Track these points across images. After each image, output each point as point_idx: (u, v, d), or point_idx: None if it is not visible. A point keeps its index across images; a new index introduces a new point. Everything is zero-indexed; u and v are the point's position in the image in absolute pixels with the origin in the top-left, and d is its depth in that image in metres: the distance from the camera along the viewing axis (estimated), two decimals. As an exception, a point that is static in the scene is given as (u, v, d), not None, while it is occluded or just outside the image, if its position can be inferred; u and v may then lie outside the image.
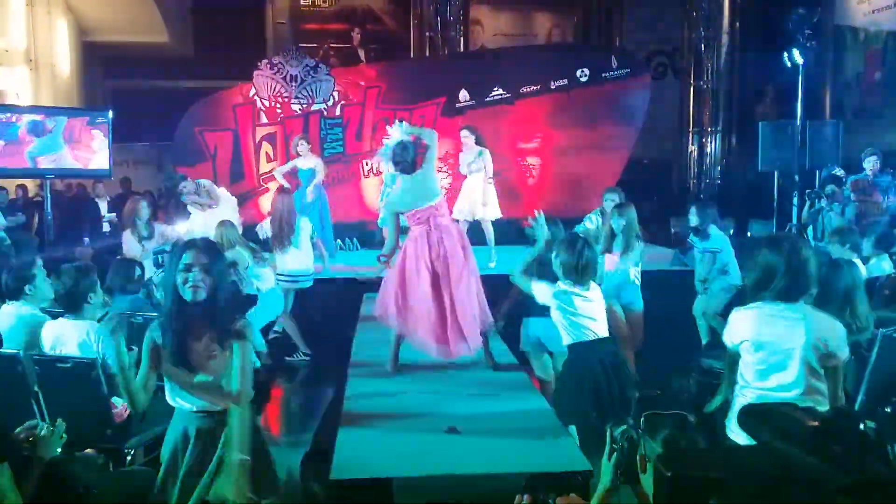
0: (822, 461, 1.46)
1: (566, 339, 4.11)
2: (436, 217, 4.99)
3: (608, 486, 2.19)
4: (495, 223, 8.89)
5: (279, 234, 6.89)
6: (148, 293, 5.46)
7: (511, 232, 9.65)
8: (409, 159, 4.99)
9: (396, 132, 5.26)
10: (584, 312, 4.07)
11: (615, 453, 2.17)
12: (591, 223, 6.76)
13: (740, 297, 3.67)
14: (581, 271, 4.05)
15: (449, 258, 4.92)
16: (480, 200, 8.69)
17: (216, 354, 2.86)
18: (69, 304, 3.94)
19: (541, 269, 4.28)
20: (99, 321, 4.04)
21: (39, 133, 8.68)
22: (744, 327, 3.12)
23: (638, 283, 6.00)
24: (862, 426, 1.60)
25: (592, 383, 3.95)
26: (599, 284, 4.39)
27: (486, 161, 8.68)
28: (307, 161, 9.13)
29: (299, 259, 6.97)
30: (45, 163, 8.80)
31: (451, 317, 4.89)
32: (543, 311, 4.32)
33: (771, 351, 3.04)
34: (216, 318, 2.86)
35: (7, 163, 8.83)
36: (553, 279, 4.17)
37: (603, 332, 4.14)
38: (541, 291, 4.15)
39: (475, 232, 9.10)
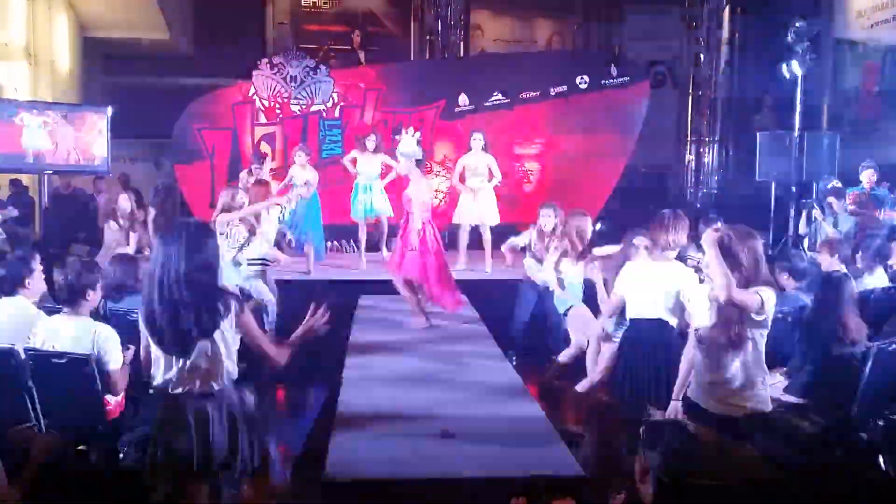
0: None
1: None
2: None
3: None
4: (493, 228, 9.00)
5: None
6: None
7: (508, 236, 9.66)
8: None
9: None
10: None
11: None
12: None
13: None
14: None
15: None
16: (486, 206, 8.93)
17: None
18: (67, 298, 3.91)
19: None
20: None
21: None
22: None
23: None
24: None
25: None
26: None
27: (494, 167, 8.91)
28: (305, 172, 9.09)
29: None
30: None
31: None
32: None
33: None
34: None
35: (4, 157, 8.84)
36: None
37: None
38: None
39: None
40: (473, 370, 5.56)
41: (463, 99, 11.09)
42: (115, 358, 3.87)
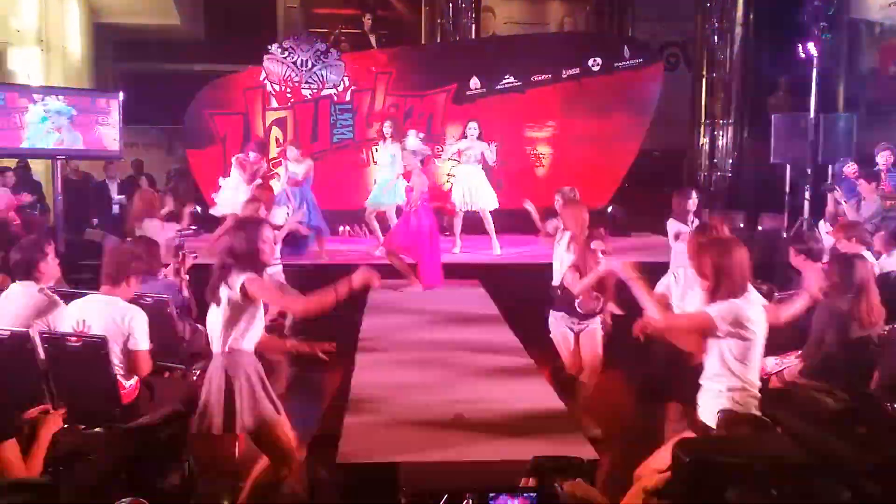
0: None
1: None
2: None
3: None
4: (501, 212, 9.01)
5: None
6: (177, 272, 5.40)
7: (518, 221, 9.64)
8: None
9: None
10: None
11: None
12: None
13: None
14: None
15: None
16: (479, 190, 9.04)
17: None
18: (113, 279, 3.94)
19: None
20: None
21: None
22: None
23: None
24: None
25: None
26: None
27: (487, 153, 9.10)
28: (299, 166, 9.04)
29: None
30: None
31: None
32: None
33: None
34: None
35: (13, 142, 8.86)
36: None
37: None
38: None
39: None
40: (485, 353, 5.55)
41: (474, 82, 11.03)
42: (144, 340, 3.91)
